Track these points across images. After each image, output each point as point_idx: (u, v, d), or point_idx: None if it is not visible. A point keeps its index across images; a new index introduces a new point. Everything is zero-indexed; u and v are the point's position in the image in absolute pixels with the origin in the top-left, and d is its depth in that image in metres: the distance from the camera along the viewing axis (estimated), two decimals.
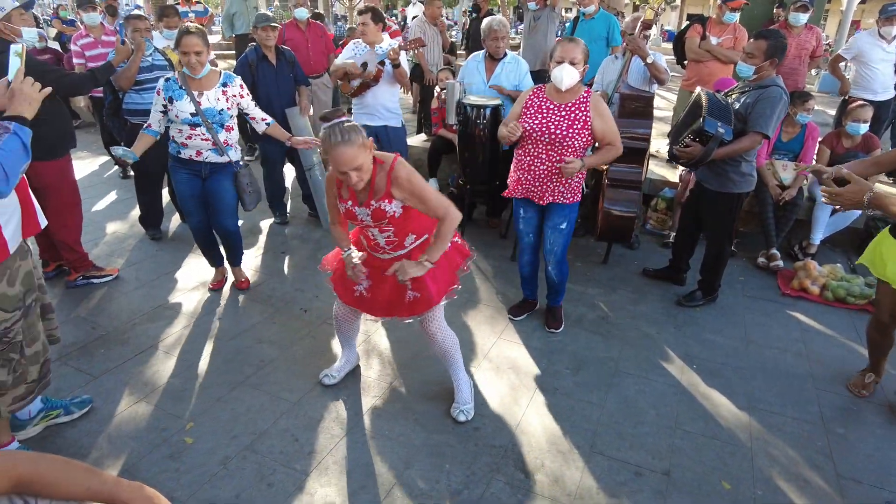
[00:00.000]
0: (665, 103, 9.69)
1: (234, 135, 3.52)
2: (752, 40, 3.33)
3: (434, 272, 2.38)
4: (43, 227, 2.30)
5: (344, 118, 2.14)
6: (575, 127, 2.96)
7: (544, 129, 3.00)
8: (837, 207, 2.29)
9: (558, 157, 3.02)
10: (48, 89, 2.04)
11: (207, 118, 3.35)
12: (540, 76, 5.55)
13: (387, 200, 2.26)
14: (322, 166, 4.87)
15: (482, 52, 4.52)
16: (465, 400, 2.74)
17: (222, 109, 3.39)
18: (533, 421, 2.72)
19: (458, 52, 9.41)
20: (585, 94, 3.01)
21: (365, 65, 4.29)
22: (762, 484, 2.42)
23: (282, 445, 2.52)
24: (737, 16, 5.03)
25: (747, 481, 2.43)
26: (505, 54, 4.41)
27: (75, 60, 5.35)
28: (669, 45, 7.28)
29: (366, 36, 4.32)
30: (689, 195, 4.01)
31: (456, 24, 23.08)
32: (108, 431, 2.57)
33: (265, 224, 5.00)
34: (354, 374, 3.02)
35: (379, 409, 2.77)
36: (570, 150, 2.99)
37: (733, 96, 3.42)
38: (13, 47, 2.03)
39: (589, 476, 2.41)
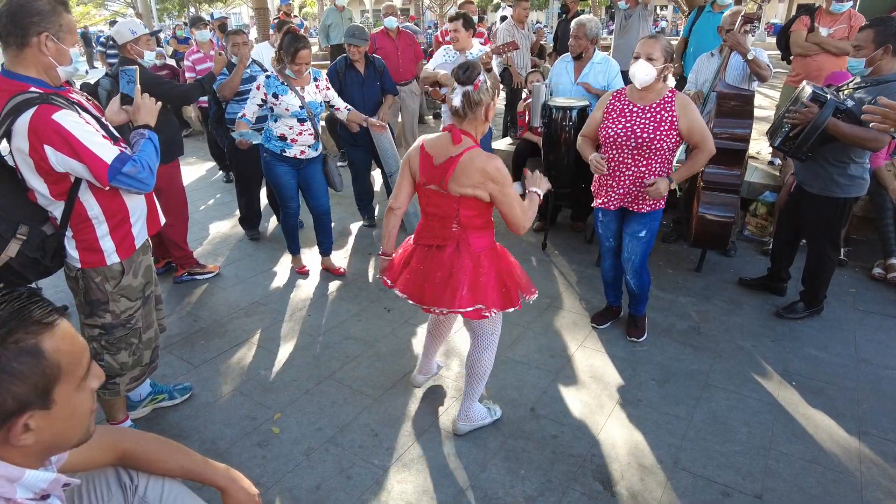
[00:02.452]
0: (767, 101, 9.08)
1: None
2: (859, 32, 3.05)
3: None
4: (162, 224, 2.54)
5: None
6: (662, 128, 2.84)
7: (630, 133, 2.88)
8: None
9: (646, 162, 2.90)
10: (160, 103, 2.33)
11: (311, 110, 3.68)
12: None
13: None
14: None
15: None
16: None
17: (321, 101, 3.76)
18: (614, 432, 2.64)
19: (548, 54, 9.30)
20: (670, 94, 2.88)
21: None
22: None
23: (362, 440, 2.60)
24: (848, 4, 4.61)
25: None
26: (594, 54, 4.32)
27: (188, 74, 5.84)
28: (774, 40, 6.79)
29: (457, 42, 4.38)
30: (786, 198, 3.72)
31: (547, 27, 22.84)
32: (204, 417, 2.77)
33: (354, 227, 5.18)
34: (434, 373, 3.06)
35: (456, 411, 2.78)
36: (657, 153, 2.87)
37: (845, 93, 3.13)
38: (126, 72, 2.31)
39: (671, 492, 2.30)
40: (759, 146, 5.59)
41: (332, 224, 4.38)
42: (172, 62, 7.50)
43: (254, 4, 11.30)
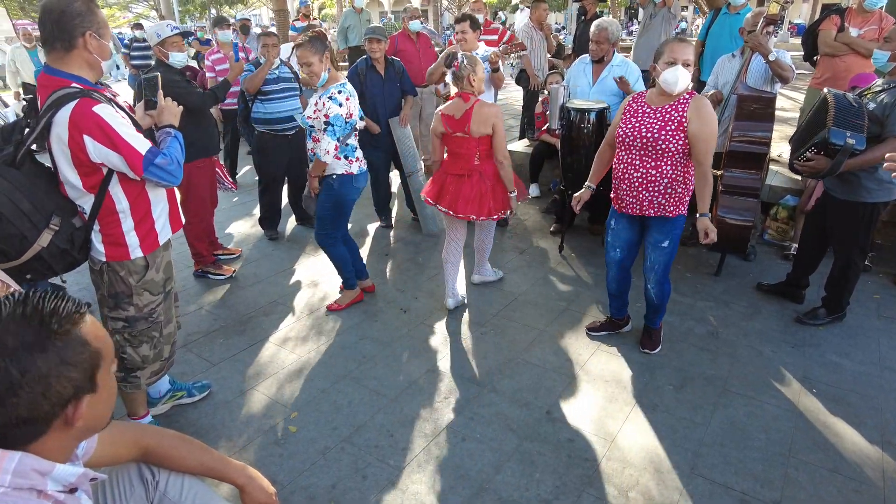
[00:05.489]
0: (790, 104, 8.96)
1: (323, 146, 3.23)
2: (894, 25, 3.00)
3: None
4: (183, 223, 2.61)
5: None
6: (668, 128, 2.75)
7: (636, 132, 2.83)
8: None
9: (654, 164, 2.83)
10: (181, 106, 2.45)
11: (303, 124, 3.37)
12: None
13: None
14: (423, 172, 5.00)
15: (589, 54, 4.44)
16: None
17: (304, 118, 3.33)
18: (630, 436, 2.62)
19: (566, 56, 9.27)
20: (688, 96, 2.78)
21: None
22: None
23: (378, 440, 2.62)
24: (884, 1, 4.51)
25: None
26: (613, 57, 4.30)
27: (207, 74, 5.90)
28: (797, 41, 6.69)
29: (465, 43, 4.38)
30: (815, 204, 3.66)
31: (564, 28, 22.76)
32: (222, 415, 2.81)
33: (371, 227, 5.22)
34: (450, 375, 3.08)
35: (471, 412, 2.79)
36: (665, 154, 2.79)
37: (868, 96, 3.08)
38: (148, 80, 2.42)
39: (687, 499, 2.28)
40: (781, 149, 5.51)
41: (350, 225, 4.36)
42: (194, 63, 7.62)
43: (274, 6, 11.41)
